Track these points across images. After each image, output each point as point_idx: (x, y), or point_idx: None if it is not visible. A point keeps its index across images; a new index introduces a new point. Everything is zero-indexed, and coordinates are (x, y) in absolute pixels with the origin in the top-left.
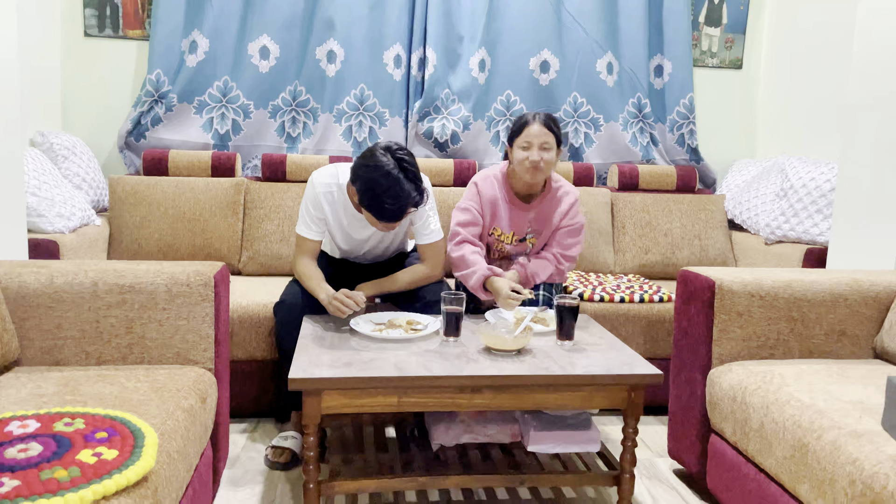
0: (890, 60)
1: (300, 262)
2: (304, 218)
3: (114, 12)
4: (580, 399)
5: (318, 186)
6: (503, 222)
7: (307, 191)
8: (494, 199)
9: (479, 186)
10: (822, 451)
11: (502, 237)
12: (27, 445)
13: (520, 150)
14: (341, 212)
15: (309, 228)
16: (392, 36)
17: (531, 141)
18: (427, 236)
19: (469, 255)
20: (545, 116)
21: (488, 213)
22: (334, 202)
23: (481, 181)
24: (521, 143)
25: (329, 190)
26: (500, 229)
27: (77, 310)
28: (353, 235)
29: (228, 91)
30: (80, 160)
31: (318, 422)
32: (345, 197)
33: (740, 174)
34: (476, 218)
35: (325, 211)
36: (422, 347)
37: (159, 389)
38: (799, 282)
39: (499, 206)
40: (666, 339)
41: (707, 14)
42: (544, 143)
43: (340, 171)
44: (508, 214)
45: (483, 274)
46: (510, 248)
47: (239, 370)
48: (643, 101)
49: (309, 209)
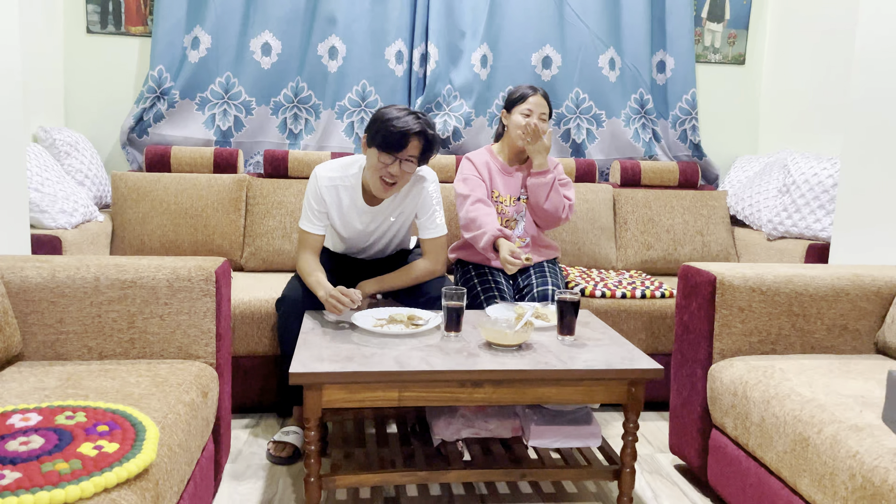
0: (892, 56)
1: (302, 258)
2: (306, 212)
3: (116, 9)
4: (580, 393)
5: (322, 180)
6: (499, 187)
7: (310, 184)
8: (488, 166)
9: (472, 158)
10: (823, 445)
11: (500, 198)
12: (29, 438)
13: (520, 116)
14: (345, 203)
15: (311, 223)
16: (394, 32)
17: (532, 109)
18: (432, 231)
19: (483, 217)
20: (542, 91)
21: (486, 178)
22: (338, 194)
23: (471, 155)
24: (523, 111)
25: (332, 184)
26: (497, 191)
27: (79, 304)
28: (357, 227)
29: (230, 87)
30: (82, 156)
31: (319, 416)
32: (349, 187)
33: (743, 170)
34: (479, 183)
35: (327, 204)
36: (423, 342)
37: (161, 384)
38: (800, 277)
39: (493, 172)
40: (668, 335)
41: (710, 9)
42: (542, 113)
43: (343, 162)
44: (502, 180)
45: (493, 234)
46: (510, 210)
47: (241, 365)
48: (645, 97)
49: (311, 203)
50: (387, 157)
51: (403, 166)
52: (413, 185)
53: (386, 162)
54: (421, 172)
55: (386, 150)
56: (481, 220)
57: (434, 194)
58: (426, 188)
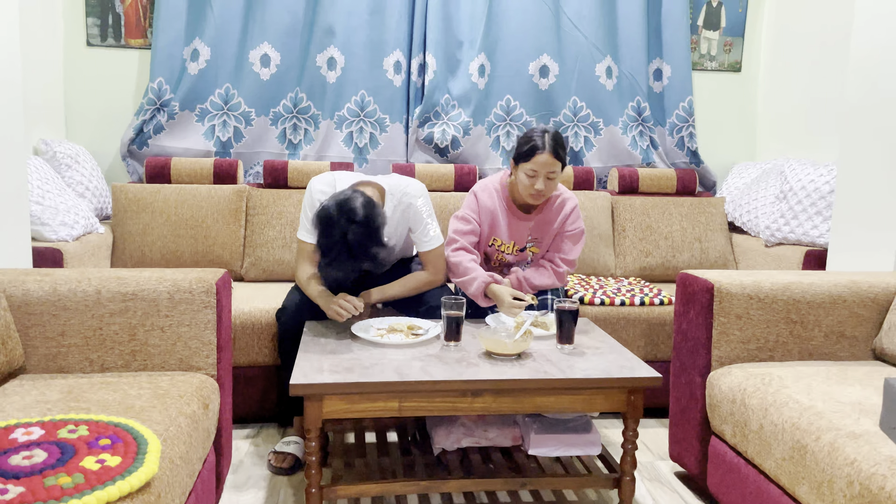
0: (887, 63)
1: (301, 268)
2: (303, 223)
3: (116, 22)
4: (580, 402)
5: (315, 193)
6: (503, 232)
7: (305, 196)
8: (494, 209)
9: (479, 196)
10: (821, 453)
11: (502, 247)
12: (31, 452)
13: (525, 176)
14: None
15: (309, 233)
16: (392, 42)
17: (538, 170)
18: (427, 243)
19: (467, 263)
20: (554, 142)
21: (487, 223)
22: None
23: (481, 191)
24: (528, 170)
25: (325, 197)
26: (500, 239)
27: (80, 317)
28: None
29: (230, 98)
30: (83, 168)
31: (320, 426)
32: None
33: (740, 177)
34: (474, 227)
35: None
36: (422, 352)
37: (162, 396)
38: (797, 284)
39: (498, 216)
40: (667, 342)
41: (705, 17)
42: (550, 172)
43: (338, 179)
44: (508, 224)
45: (483, 280)
46: (511, 258)
47: (241, 376)
48: (643, 105)
49: (307, 213)
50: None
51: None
52: (398, 205)
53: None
54: (407, 189)
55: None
56: (466, 266)
57: (423, 208)
58: (413, 204)
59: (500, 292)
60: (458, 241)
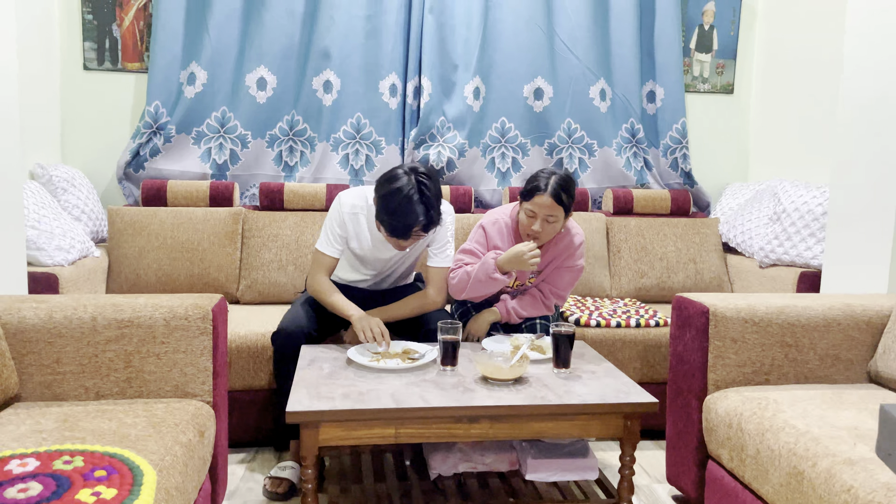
0: (878, 85)
1: (319, 278)
2: (326, 235)
3: (113, 45)
4: (577, 428)
5: (345, 206)
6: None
7: (333, 209)
8: (502, 245)
9: (488, 231)
10: (818, 479)
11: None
12: (27, 485)
13: (524, 215)
14: (366, 233)
15: (331, 245)
16: (387, 65)
17: (536, 212)
18: (440, 260)
19: (468, 268)
20: (557, 186)
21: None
22: (360, 223)
23: (490, 226)
24: (528, 210)
25: (354, 211)
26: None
27: (76, 344)
28: (377, 255)
29: (226, 121)
30: (79, 192)
31: (316, 454)
32: (370, 217)
33: (734, 197)
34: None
35: (348, 230)
36: (419, 377)
37: (157, 424)
38: (792, 307)
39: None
40: (663, 364)
41: (698, 40)
42: (549, 215)
43: (368, 193)
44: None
45: (493, 256)
46: (510, 290)
47: (237, 400)
48: (636, 127)
49: (334, 227)
50: (395, 242)
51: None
52: None
53: (401, 244)
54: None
55: (391, 237)
56: (468, 270)
57: (450, 227)
58: (444, 220)
59: (510, 252)
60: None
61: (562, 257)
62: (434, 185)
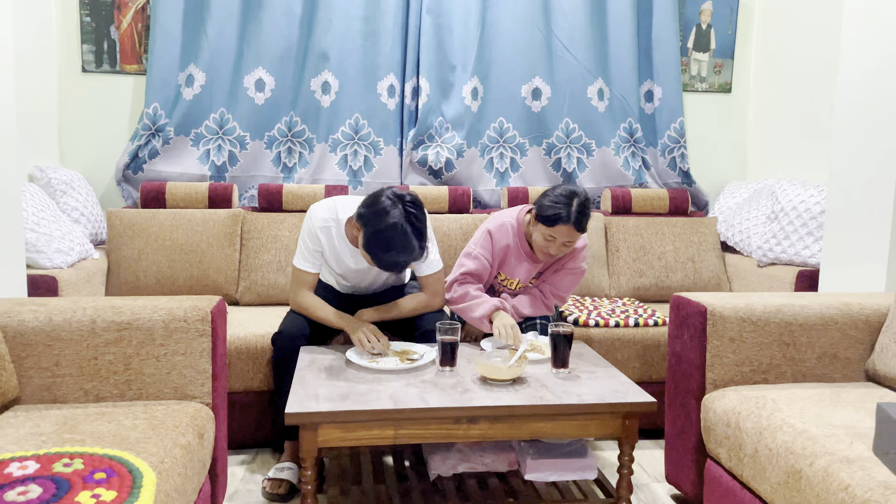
0: (875, 84)
1: (302, 295)
2: (301, 251)
3: (111, 48)
4: (575, 428)
5: (316, 221)
6: (512, 271)
7: (305, 224)
8: (507, 250)
9: (494, 236)
10: (815, 478)
11: (505, 282)
12: (27, 488)
13: (541, 237)
14: (339, 246)
15: (307, 261)
16: (385, 66)
17: (556, 238)
18: (426, 267)
19: (473, 292)
20: (579, 214)
21: (498, 261)
22: (332, 237)
23: (496, 230)
24: (547, 234)
25: (326, 225)
26: (507, 276)
27: (75, 347)
28: (352, 267)
29: (225, 123)
30: (78, 194)
31: (316, 455)
32: (342, 232)
33: (732, 196)
34: (485, 268)
35: (322, 244)
36: (417, 378)
37: (157, 426)
38: (789, 306)
39: (510, 257)
40: (661, 363)
41: (695, 39)
42: (568, 241)
43: (339, 206)
44: (519, 266)
45: (494, 304)
46: (510, 291)
47: (236, 401)
48: (634, 126)
49: (307, 242)
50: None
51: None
52: None
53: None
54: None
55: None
56: (473, 294)
57: (431, 234)
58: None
59: (499, 315)
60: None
61: (564, 259)
62: (423, 215)
